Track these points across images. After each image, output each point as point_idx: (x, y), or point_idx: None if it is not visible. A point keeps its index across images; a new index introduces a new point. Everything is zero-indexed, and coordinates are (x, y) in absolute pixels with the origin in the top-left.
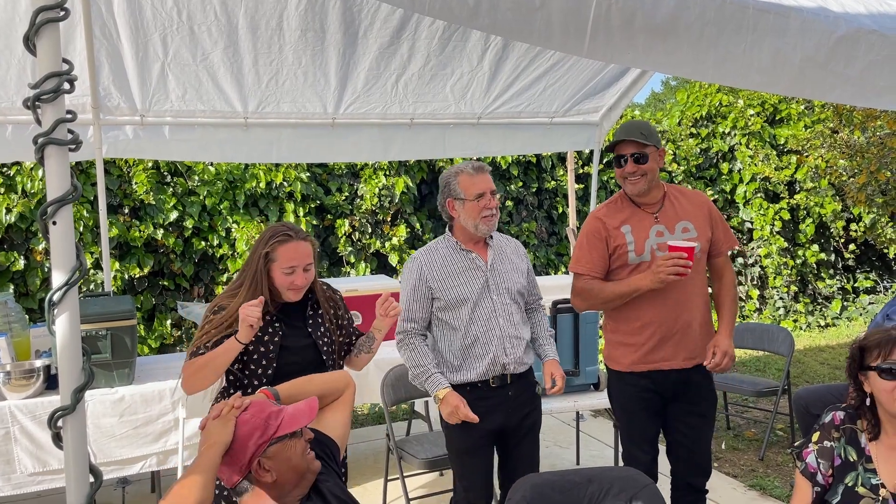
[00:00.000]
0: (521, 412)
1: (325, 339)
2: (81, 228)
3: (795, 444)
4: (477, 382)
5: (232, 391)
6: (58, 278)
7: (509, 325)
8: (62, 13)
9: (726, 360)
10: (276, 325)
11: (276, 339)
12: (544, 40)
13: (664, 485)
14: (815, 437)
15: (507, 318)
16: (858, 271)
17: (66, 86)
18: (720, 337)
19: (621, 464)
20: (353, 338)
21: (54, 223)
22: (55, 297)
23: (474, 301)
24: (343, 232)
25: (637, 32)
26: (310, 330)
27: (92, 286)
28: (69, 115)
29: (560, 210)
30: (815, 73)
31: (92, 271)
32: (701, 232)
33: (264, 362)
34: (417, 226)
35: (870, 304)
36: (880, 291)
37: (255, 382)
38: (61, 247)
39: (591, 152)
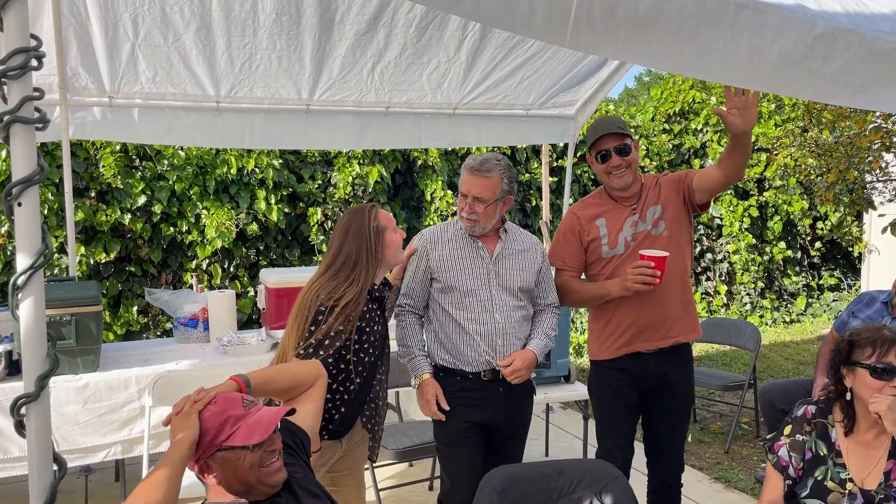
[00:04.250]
0: (511, 411)
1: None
2: (46, 212)
3: (767, 436)
4: (468, 374)
5: (335, 386)
6: (22, 261)
7: (506, 321)
8: None
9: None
10: (379, 312)
11: (380, 327)
12: (527, 29)
13: (639, 483)
14: (787, 430)
15: (504, 315)
16: (823, 269)
17: (34, 62)
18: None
19: (591, 456)
20: None
21: (19, 204)
22: (19, 281)
23: (472, 290)
24: (315, 220)
25: (619, 24)
26: (384, 318)
27: (56, 271)
28: (36, 93)
29: (534, 203)
30: (791, 70)
31: (56, 256)
32: (669, 207)
33: (371, 350)
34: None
35: (834, 301)
36: (844, 289)
37: (357, 368)
38: (27, 229)
39: (566, 145)
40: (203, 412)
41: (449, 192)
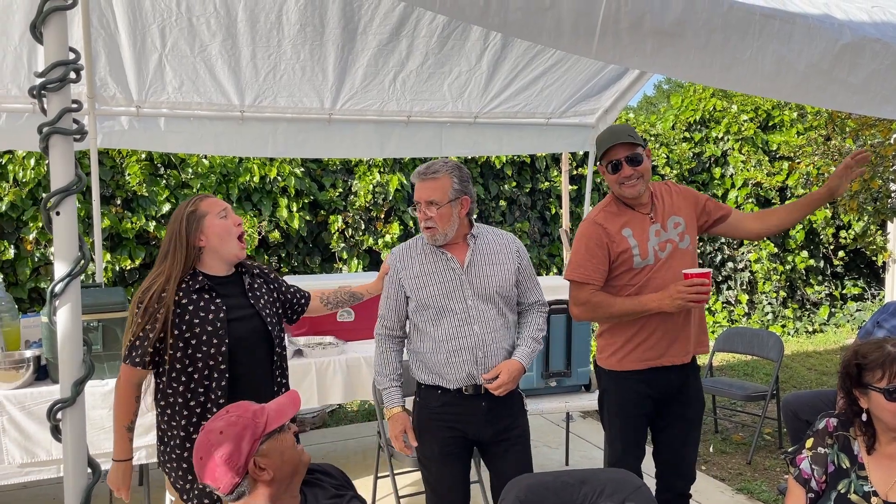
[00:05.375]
0: (500, 424)
1: (267, 311)
2: None
3: (789, 450)
4: (450, 390)
5: (183, 378)
6: (60, 269)
7: (485, 331)
8: (69, 2)
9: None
10: (218, 300)
11: (222, 314)
12: (553, 40)
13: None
14: (809, 443)
15: (482, 325)
16: (847, 278)
17: (73, 75)
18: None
19: None
20: (297, 297)
21: (58, 213)
22: (57, 289)
23: (446, 305)
24: (336, 228)
25: (645, 35)
26: (251, 301)
27: (82, 277)
28: (75, 105)
29: (553, 211)
30: (818, 80)
31: None
32: (689, 222)
33: (215, 340)
34: (410, 223)
35: (857, 311)
36: (868, 299)
37: (211, 363)
38: (64, 237)
39: (586, 154)
40: (226, 420)
41: None
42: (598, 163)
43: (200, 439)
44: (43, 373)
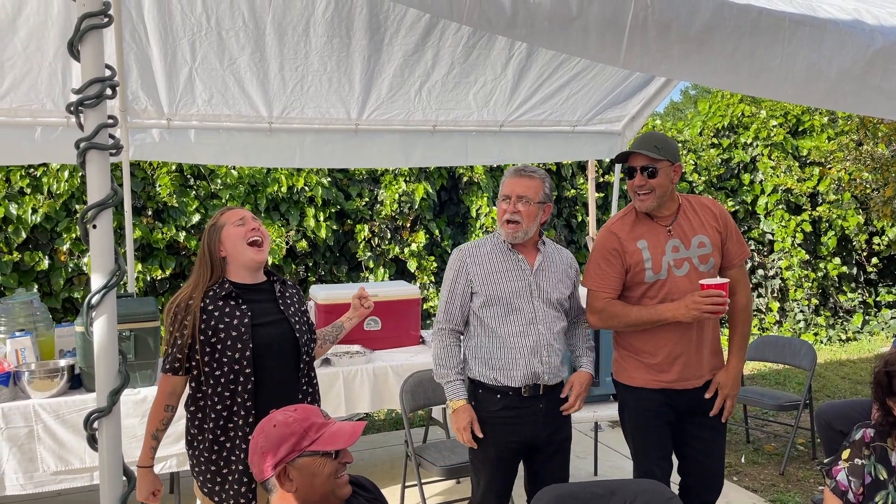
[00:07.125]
0: (552, 426)
1: (297, 318)
2: None
3: (825, 461)
4: (509, 391)
5: (211, 382)
6: (97, 281)
7: (549, 332)
8: (105, 20)
9: (729, 404)
10: (243, 306)
11: (246, 319)
12: (580, 50)
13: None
14: (846, 454)
15: (546, 326)
16: (881, 285)
17: (109, 91)
18: (724, 373)
19: None
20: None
21: (94, 226)
22: (94, 300)
23: (515, 304)
24: (363, 237)
25: (672, 43)
26: (281, 308)
27: None
28: (111, 121)
29: (579, 218)
30: (850, 86)
31: None
32: (715, 246)
33: (240, 345)
34: (437, 232)
35: (892, 318)
36: None
37: (236, 367)
38: (101, 250)
39: (612, 161)
40: (283, 417)
41: (494, 208)
42: (622, 163)
43: (262, 422)
44: (77, 382)
